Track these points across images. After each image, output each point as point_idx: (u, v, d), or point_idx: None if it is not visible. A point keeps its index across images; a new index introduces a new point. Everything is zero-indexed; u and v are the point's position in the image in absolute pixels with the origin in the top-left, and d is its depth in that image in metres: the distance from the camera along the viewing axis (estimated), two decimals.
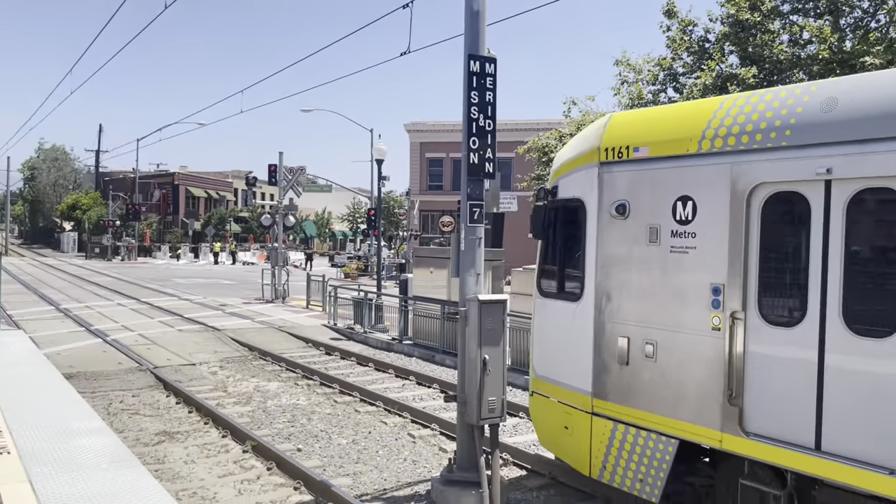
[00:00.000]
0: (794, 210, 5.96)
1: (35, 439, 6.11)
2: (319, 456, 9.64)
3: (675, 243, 6.64)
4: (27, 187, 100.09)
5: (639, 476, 6.87)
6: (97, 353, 16.52)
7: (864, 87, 5.73)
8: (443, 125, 53.43)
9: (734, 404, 6.14)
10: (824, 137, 5.68)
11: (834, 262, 5.64)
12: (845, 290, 5.56)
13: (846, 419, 5.49)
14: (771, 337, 5.99)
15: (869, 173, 5.45)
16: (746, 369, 6.12)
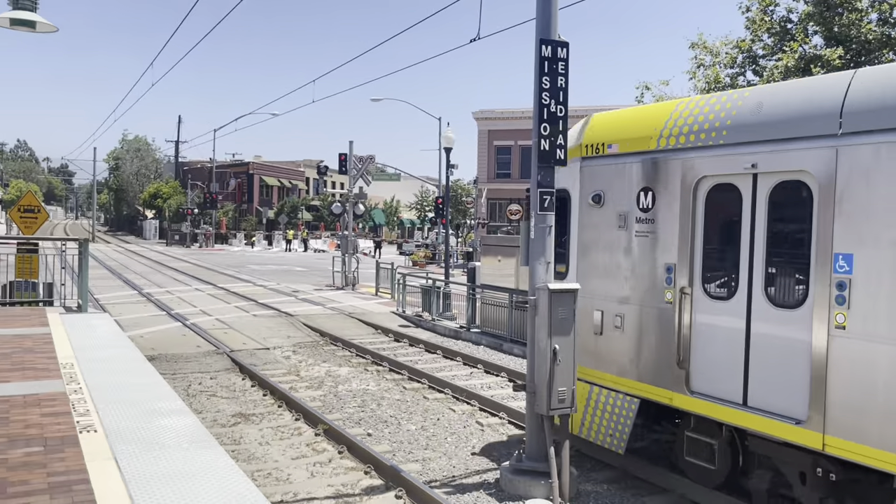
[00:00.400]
0: (729, 200, 6.97)
1: (120, 418, 6.37)
2: (389, 441, 9.75)
3: (639, 228, 7.77)
4: (112, 177, 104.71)
5: (609, 431, 8.12)
6: (177, 337, 17.17)
7: (780, 93, 6.73)
8: (511, 112, 53.06)
9: (682, 367, 7.28)
10: (752, 137, 6.69)
11: (759, 245, 6.71)
12: (767, 268, 6.65)
13: (765, 378, 6.56)
14: (711, 309, 7.11)
15: (785, 168, 6.46)
16: (692, 337, 7.25)
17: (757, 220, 6.74)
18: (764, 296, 6.64)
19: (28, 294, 13.95)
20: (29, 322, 11.69)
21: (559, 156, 7.77)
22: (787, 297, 6.51)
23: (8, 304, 13.86)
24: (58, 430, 5.93)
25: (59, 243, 16.51)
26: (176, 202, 76.51)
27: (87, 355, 9.14)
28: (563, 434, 7.64)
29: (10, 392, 7.15)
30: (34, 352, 9.22)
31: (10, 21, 10.56)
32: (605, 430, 8.18)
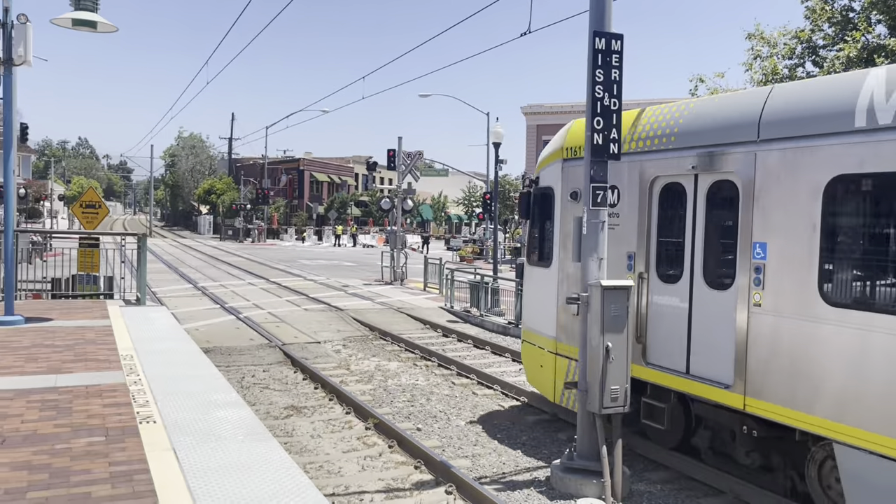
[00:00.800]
0: (676, 197, 8.11)
1: (177, 410, 6.51)
2: (438, 436, 9.76)
3: (608, 222, 8.19)
4: (168, 173, 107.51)
5: None
6: (231, 330, 17.52)
7: (715, 104, 7.93)
8: (560, 107, 52.55)
9: (640, 342, 8.39)
10: (693, 142, 7.81)
11: (699, 236, 7.84)
12: (704, 256, 7.79)
13: (703, 350, 7.71)
14: (663, 291, 8.23)
15: (718, 169, 7.56)
16: (648, 316, 8.39)
17: (697, 215, 7.91)
18: (703, 279, 7.80)
19: (89, 287, 14.41)
20: (91, 314, 12.06)
21: (613, 150, 7.63)
22: (720, 281, 7.62)
23: (71, 297, 14.34)
24: (118, 421, 6.09)
25: (119, 238, 17.02)
26: (229, 198, 78.14)
27: (146, 347, 9.39)
28: (615, 433, 7.52)
29: (74, 382, 7.39)
30: (96, 343, 9.51)
31: (72, 21, 10.89)
32: (570, 396, 9.29)
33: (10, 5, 10.68)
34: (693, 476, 8.11)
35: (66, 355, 8.70)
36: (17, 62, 10.83)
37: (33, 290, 14.62)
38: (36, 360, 8.38)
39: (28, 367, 8.07)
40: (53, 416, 6.21)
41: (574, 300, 7.82)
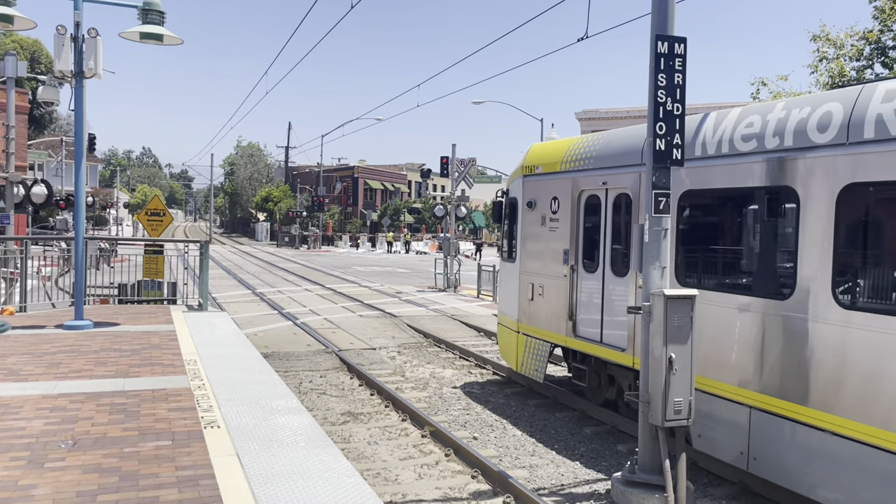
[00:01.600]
0: (595, 206, 10.29)
1: (240, 415, 6.61)
2: (495, 446, 9.68)
3: (551, 225, 11.11)
4: (227, 181, 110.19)
5: (535, 367, 11.59)
6: (288, 335, 17.78)
7: (618, 135, 10.12)
8: (616, 112, 51.93)
9: (571, 319, 10.69)
10: (604, 164, 10.06)
11: (608, 235, 10.02)
12: (611, 252, 9.91)
13: (610, 323, 9.87)
14: (586, 279, 10.46)
15: (619, 185, 9.71)
16: (577, 299, 10.64)
17: (607, 219, 10.07)
18: (611, 270, 9.97)
19: (154, 293, 14.82)
20: (155, 319, 12.39)
21: (676, 156, 7.45)
22: (618, 272, 9.82)
23: (136, 302, 14.77)
24: (184, 425, 6.21)
25: (182, 245, 17.47)
26: (286, 205, 79.59)
27: (209, 352, 9.58)
28: (679, 446, 7.32)
29: (141, 386, 7.58)
30: (160, 348, 9.76)
31: (140, 35, 11.23)
32: (532, 367, 11.66)
33: (81, 20, 11.10)
34: (759, 492, 7.83)
35: (133, 359, 8.94)
36: (87, 75, 11.24)
37: (101, 296, 15.12)
38: (105, 364, 8.63)
39: (97, 370, 8.32)
40: (122, 419, 6.38)
41: (636, 310, 7.65)
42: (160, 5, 11.28)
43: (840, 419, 6.69)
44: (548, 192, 11.29)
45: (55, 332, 10.91)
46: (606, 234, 10.07)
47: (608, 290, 9.98)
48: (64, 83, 20.43)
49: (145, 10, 11.19)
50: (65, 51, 10.93)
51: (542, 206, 11.39)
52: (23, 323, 11.56)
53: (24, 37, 58.00)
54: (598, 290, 10.18)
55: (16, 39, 56.76)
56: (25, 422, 6.24)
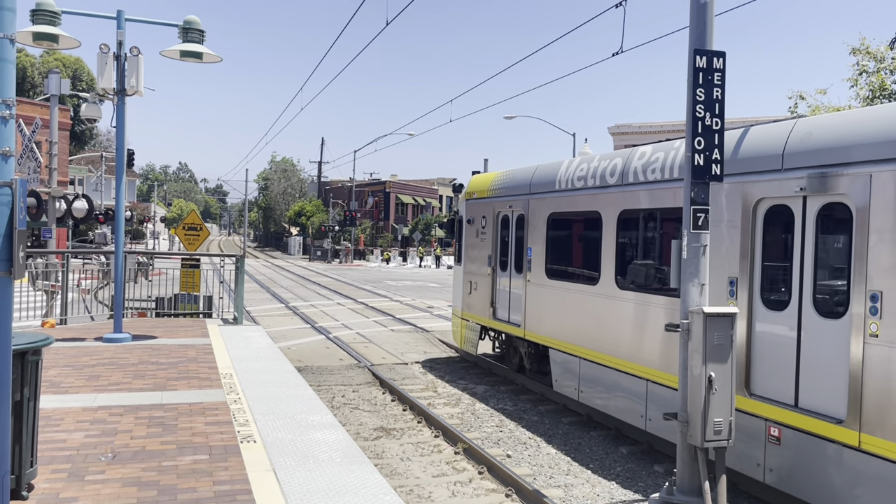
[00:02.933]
0: (506, 221, 13.83)
1: (276, 430, 6.62)
2: (529, 464, 9.57)
3: (482, 237, 14.77)
4: (261, 196, 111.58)
5: (470, 343, 15.47)
6: (321, 349, 17.85)
7: (516, 172, 13.53)
8: (649, 126, 51.55)
9: (492, 307, 14.28)
10: (510, 193, 13.57)
11: (513, 245, 13.57)
12: (515, 257, 13.44)
13: (515, 309, 13.22)
14: (500, 276, 14.00)
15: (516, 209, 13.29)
16: (495, 291, 14.05)
17: (512, 232, 13.62)
18: (514, 269, 13.49)
19: (191, 306, 15.00)
20: (192, 333, 12.54)
21: (715, 171, 7.34)
22: (517, 270, 13.43)
23: (173, 315, 14.97)
24: (220, 440, 6.25)
25: (217, 259, 17.68)
26: (318, 220, 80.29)
27: (244, 366, 9.65)
28: (719, 468, 7.15)
29: (178, 400, 7.66)
30: (197, 361, 9.86)
31: (180, 53, 11.47)
32: (469, 344, 15.61)
33: (123, 39, 11.36)
34: None
35: (170, 373, 9.04)
36: (129, 92, 11.49)
37: (139, 309, 15.34)
38: (143, 377, 8.74)
39: (136, 383, 8.43)
40: (160, 432, 6.44)
41: (674, 328, 7.53)
42: (200, 24, 11.50)
43: (614, 358, 10.45)
44: (479, 212, 15.11)
45: (95, 344, 11.09)
46: (512, 243, 13.80)
47: (513, 285, 13.69)
48: (105, 100, 20.94)
49: (186, 28, 11.42)
50: (108, 69, 11.19)
51: (477, 222, 15.25)
52: (63, 335, 11.78)
53: (67, 55, 59.62)
54: (507, 285, 14.00)
55: (58, 57, 58.37)
56: (66, 434, 6.33)
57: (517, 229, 13.43)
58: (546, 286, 12.22)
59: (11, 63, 4.09)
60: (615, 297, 10.34)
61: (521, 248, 13.18)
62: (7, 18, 4.06)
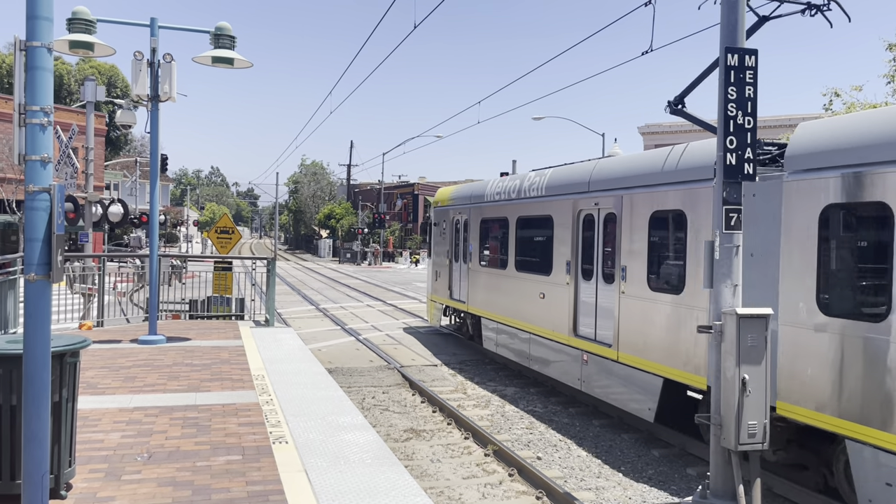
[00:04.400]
0: (459, 225, 18.05)
1: (307, 431, 6.68)
2: (560, 466, 9.52)
3: (444, 236, 19.07)
4: (291, 199, 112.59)
5: (436, 319, 20.03)
6: (351, 351, 17.96)
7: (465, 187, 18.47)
8: (679, 126, 50.93)
9: (450, 290, 18.54)
10: (461, 203, 18.03)
11: (461, 240, 17.94)
12: (463, 251, 17.74)
13: (461, 289, 17.76)
14: (455, 267, 18.26)
15: (461, 215, 17.88)
16: (451, 278, 18.34)
17: (461, 231, 17.77)
18: (462, 261, 17.56)
19: (223, 308, 15.20)
20: (224, 335, 12.70)
21: (747, 170, 7.24)
22: (465, 261, 17.48)
23: (206, 318, 15.18)
24: (253, 440, 6.32)
25: (248, 261, 17.88)
26: (347, 222, 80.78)
27: (276, 367, 9.75)
28: (754, 471, 7.05)
29: (211, 401, 7.76)
30: (230, 363, 9.98)
31: (212, 59, 11.63)
32: (435, 319, 20.02)
33: (157, 46, 11.56)
34: None
35: (203, 374, 9.18)
36: (162, 98, 11.69)
37: (173, 311, 15.58)
38: (177, 378, 8.88)
39: (170, 384, 8.56)
40: (194, 433, 6.54)
41: (706, 329, 7.44)
42: (231, 30, 11.66)
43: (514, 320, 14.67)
44: (442, 217, 19.43)
45: (130, 346, 11.30)
46: (462, 241, 18.03)
47: (461, 272, 17.93)
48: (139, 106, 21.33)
49: (217, 34, 11.58)
50: (142, 76, 11.40)
51: (440, 225, 19.62)
52: (100, 337, 12.01)
53: (101, 62, 60.83)
54: (458, 272, 18.18)
55: (93, 65, 59.57)
56: (103, 434, 6.46)
57: (464, 230, 17.77)
58: (478, 272, 16.69)
59: (49, 71, 4.19)
60: (516, 278, 14.71)
61: (467, 244, 17.53)
62: (44, 27, 4.16)
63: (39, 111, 4.12)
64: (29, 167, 4.10)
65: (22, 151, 4.11)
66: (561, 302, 12.66)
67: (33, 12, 4.11)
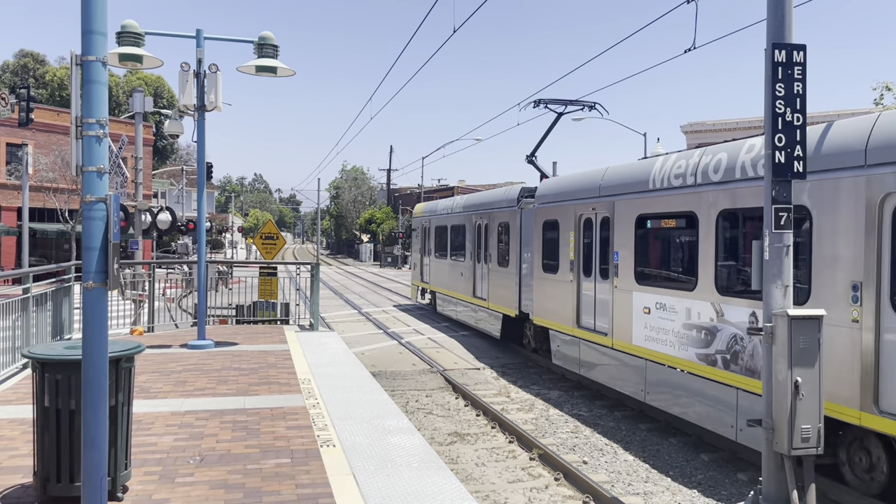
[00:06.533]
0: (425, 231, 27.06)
1: (353, 434, 6.74)
2: (606, 471, 9.42)
3: (418, 239, 28.22)
4: (333, 204, 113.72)
5: (416, 297, 29.55)
6: (394, 354, 18.05)
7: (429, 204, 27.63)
8: (723, 124, 50.03)
9: (422, 275, 27.54)
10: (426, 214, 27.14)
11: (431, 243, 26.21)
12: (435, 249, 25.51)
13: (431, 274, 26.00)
14: (425, 259, 27.03)
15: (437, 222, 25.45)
16: (422, 266, 27.29)
17: (428, 233, 26.53)
18: (428, 254, 26.43)
19: (268, 313, 15.42)
20: (270, 339, 12.89)
21: (797, 168, 7.08)
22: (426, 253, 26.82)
23: (252, 322, 15.43)
24: (301, 444, 6.40)
25: (292, 267, 18.11)
26: (388, 226, 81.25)
27: (321, 371, 9.86)
28: (808, 476, 6.87)
29: (260, 405, 7.88)
30: (276, 367, 10.13)
31: (255, 68, 11.84)
32: (416, 297, 29.30)
33: (203, 57, 11.81)
34: None
35: (251, 378, 9.33)
36: (208, 108, 11.93)
37: (220, 316, 15.87)
38: (226, 383, 9.04)
39: (219, 388, 8.73)
40: (244, 436, 6.64)
41: (756, 331, 7.29)
42: (274, 39, 11.84)
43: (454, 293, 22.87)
44: (417, 224, 28.00)
45: (180, 351, 11.54)
46: (426, 241, 26.10)
47: (427, 261, 25.87)
48: (185, 116, 21.79)
49: (261, 44, 11.78)
50: (188, 86, 11.65)
51: (416, 230, 28.01)
52: (150, 343, 12.30)
53: (148, 73, 62.35)
54: (427, 262, 25.96)
55: (140, 76, 61.10)
56: (157, 437, 6.61)
57: (428, 234, 26.17)
58: (435, 261, 25.14)
59: (104, 85, 4.31)
60: (451, 264, 23.03)
61: (430, 242, 25.94)
62: (98, 42, 4.29)
63: (95, 123, 4.24)
64: (86, 178, 4.23)
65: (79, 163, 4.24)
66: (470, 276, 20.98)
67: (88, 27, 4.24)
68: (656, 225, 11.49)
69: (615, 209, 12.42)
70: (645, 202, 11.52)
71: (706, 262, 9.92)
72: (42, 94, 58.32)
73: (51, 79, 60.65)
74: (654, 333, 11.04)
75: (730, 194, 9.54)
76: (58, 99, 56.97)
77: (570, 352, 14.08)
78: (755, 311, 8.83)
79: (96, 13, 4.23)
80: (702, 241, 10.04)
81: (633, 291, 11.65)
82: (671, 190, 10.83)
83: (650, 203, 11.37)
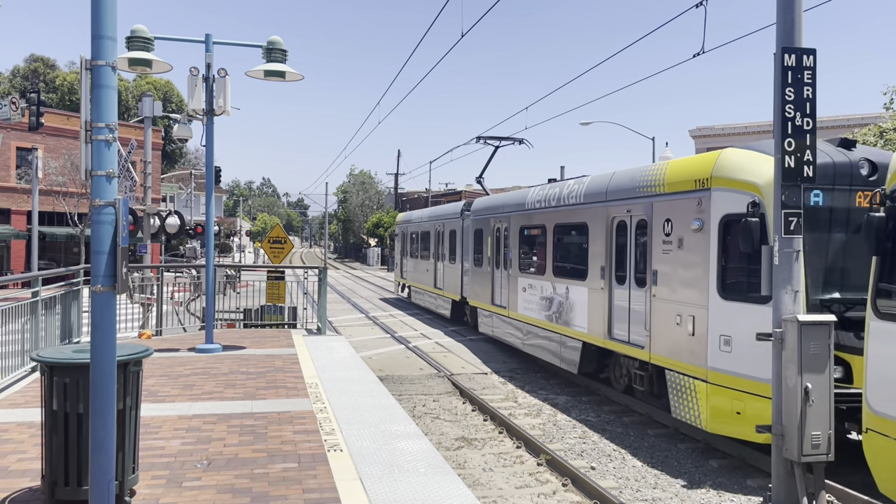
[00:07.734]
0: (403, 236, 32.61)
1: (360, 439, 6.73)
2: (614, 477, 9.37)
3: (400, 243, 33.40)
4: (340, 209, 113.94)
5: (403, 292, 33.47)
6: (401, 359, 18.04)
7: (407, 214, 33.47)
8: (732, 128, 49.95)
9: (402, 272, 32.63)
10: (403, 222, 32.93)
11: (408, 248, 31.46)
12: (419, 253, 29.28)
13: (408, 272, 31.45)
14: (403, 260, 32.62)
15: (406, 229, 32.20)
16: (401, 265, 32.88)
17: (406, 239, 31.89)
18: (405, 256, 31.93)
19: (276, 317, 15.45)
20: (278, 343, 12.90)
21: (807, 173, 7.06)
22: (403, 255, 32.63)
23: (259, 326, 15.45)
24: (308, 448, 6.39)
25: (300, 271, 18.14)
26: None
27: (329, 376, 9.86)
28: (818, 483, 6.83)
29: (266, 409, 7.89)
30: (284, 371, 10.13)
31: (264, 73, 11.88)
32: (402, 292, 33.36)
33: (212, 62, 11.86)
34: None
35: (259, 382, 9.33)
36: (217, 112, 11.97)
37: (228, 320, 15.90)
38: (234, 386, 9.05)
39: (227, 392, 8.73)
40: (251, 440, 6.64)
41: (766, 337, 7.25)
42: (283, 44, 11.88)
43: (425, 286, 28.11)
44: (399, 231, 33.12)
45: (188, 355, 11.56)
46: (403, 244, 31.81)
47: (405, 262, 31.23)
48: (193, 120, 21.90)
49: (270, 49, 11.82)
50: (197, 91, 11.70)
51: (398, 236, 33.11)
52: (158, 346, 12.33)
53: (157, 78, 62.67)
54: (405, 262, 31.28)
55: (150, 81, 61.41)
56: (164, 441, 6.62)
57: (404, 238, 31.36)
58: (410, 260, 30.05)
59: (113, 89, 4.33)
60: (417, 261, 28.54)
61: (406, 245, 30.93)
62: (108, 47, 4.30)
63: (104, 128, 4.26)
64: (95, 182, 4.24)
65: (88, 167, 4.25)
66: (433, 271, 26.06)
67: (98, 32, 4.26)
68: (529, 233, 16.73)
69: (510, 221, 17.97)
70: (524, 217, 17.05)
71: (549, 257, 15.36)
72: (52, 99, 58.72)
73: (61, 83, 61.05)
74: (527, 304, 16.44)
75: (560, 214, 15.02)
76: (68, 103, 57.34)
77: (488, 322, 19.85)
78: (568, 286, 14.39)
79: (106, 18, 4.25)
80: (547, 244, 15.57)
81: (518, 277, 17.17)
82: (533, 210, 16.52)
83: (526, 218, 16.91)
